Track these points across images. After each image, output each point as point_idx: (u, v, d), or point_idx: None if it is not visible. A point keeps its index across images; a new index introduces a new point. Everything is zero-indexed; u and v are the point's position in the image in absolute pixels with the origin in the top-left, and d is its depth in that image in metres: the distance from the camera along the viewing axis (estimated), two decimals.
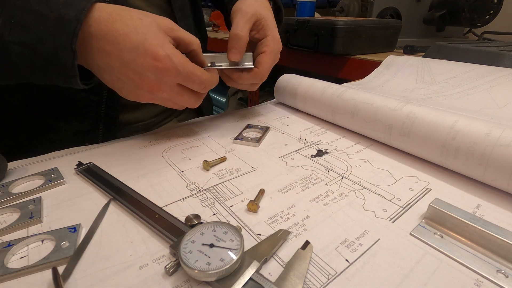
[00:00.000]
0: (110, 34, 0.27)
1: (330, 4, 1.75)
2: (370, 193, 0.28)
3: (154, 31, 0.28)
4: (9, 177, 0.29)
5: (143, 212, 0.24)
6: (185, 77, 0.30)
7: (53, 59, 0.27)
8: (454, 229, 0.22)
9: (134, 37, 0.28)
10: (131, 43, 0.28)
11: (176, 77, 0.29)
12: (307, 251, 0.20)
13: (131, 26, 0.28)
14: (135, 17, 0.29)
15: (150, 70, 0.28)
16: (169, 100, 0.32)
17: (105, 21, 0.28)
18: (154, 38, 0.28)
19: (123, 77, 0.29)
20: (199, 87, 0.32)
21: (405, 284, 0.19)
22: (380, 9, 0.97)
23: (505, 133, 0.26)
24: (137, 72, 0.28)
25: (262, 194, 0.27)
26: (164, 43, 0.28)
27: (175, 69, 0.29)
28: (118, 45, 0.28)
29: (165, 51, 0.28)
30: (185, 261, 0.18)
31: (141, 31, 0.28)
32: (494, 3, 0.89)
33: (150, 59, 0.28)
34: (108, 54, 0.28)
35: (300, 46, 0.90)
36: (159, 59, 0.28)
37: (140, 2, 0.43)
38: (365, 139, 0.39)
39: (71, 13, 0.26)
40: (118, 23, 0.28)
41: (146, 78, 0.29)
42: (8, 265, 0.19)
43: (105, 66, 0.29)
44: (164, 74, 0.28)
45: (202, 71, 0.31)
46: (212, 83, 0.33)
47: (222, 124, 0.44)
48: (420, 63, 0.56)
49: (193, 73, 0.30)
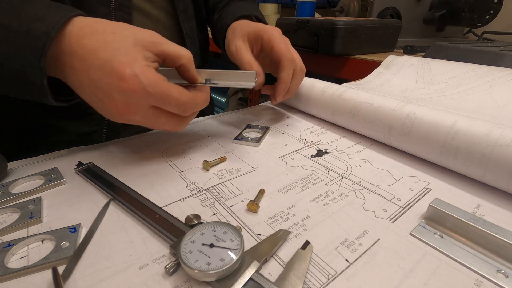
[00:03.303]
0: (79, 50, 0.25)
1: (330, 4, 1.75)
2: (370, 193, 0.28)
3: (126, 47, 0.25)
4: (9, 177, 0.29)
5: (143, 212, 0.24)
6: (157, 99, 0.26)
7: (21, 76, 0.25)
8: (454, 229, 0.22)
9: (101, 54, 0.25)
10: (98, 61, 0.25)
11: (146, 99, 0.26)
12: (307, 251, 0.20)
13: (101, 41, 0.25)
14: (109, 31, 0.26)
15: (116, 91, 0.25)
16: (145, 123, 0.28)
17: (76, 36, 0.25)
18: (123, 55, 0.25)
19: (94, 97, 0.27)
20: (177, 110, 0.28)
21: (405, 284, 0.19)
22: (380, 9, 0.97)
23: (505, 133, 0.26)
24: (105, 93, 0.26)
25: (262, 194, 0.27)
26: (135, 61, 0.25)
27: (144, 91, 0.25)
28: (86, 62, 0.25)
29: (133, 70, 0.25)
30: (185, 261, 0.18)
31: (111, 47, 0.25)
32: (494, 3, 0.89)
33: (116, 79, 0.25)
34: (78, 72, 0.26)
35: (300, 46, 0.90)
36: (125, 79, 0.24)
37: (145, 4, 0.43)
38: (365, 139, 0.39)
39: (41, 29, 0.24)
40: (87, 38, 0.25)
41: (114, 100, 0.26)
42: (8, 265, 0.19)
43: (76, 84, 0.27)
44: (131, 95, 0.25)
45: (181, 91, 0.27)
46: (195, 105, 0.29)
47: (222, 124, 0.44)
48: (420, 63, 0.56)
49: (167, 95, 0.26)
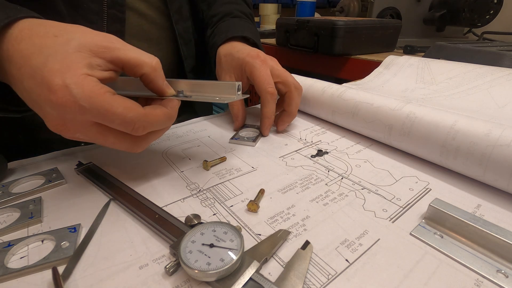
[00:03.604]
0: (15, 55, 0.22)
1: (330, 4, 1.75)
2: (370, 193, 0.28)
3: (63, 52, 0.21)
4: (9, 177, 0.29)
5: (143, 212, 0.24)
6: (96, 115, 0.22)
7: None
8: (454, 229, 0.22)
9: (34, 60, 0.21)
10: (30, 68, 0.21)
11: (82, 115, 0.22)
12: (307, 251, 0.20)
13: (37, 46, 0.22)
14: (51, 34, 0.22)
15: (47, 104, 0.21)
16: (92, 141, 0.24)
17: (13, 40, 0.22)
18: (57, 62, 0.21)
19: (34, 109, 0.23)
20: (124, 128, 0.23)
21: (405, 284, 0.19)
22: (380, 9, 0.97)
23: (505, 133, 0.26)
24: (38, 105, 0.22)
25: (262, 194, 0.27)
26: (69, 69, 0.21)
27: (76, 105, 0.21)
28: (20, 70, 0.22)
29: (64, 79, 0.21)
30: (185, 261, 0.18)
31: (46, 52, 0.21)
32: (494, 3, 0.89)
33: (46, 90, 0.21)
34: (15, 80, 0.23)
35: (300, 46, 0.91)
36: (53, 90, 0.21)
37: (140, 4, 0.43)
38: (365, 139, 0.39)
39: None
40: (25, 42, 0.22)
41: (48, 114, 0.22)
42: (8, 265, 0.19)
43: (19, 93, 0.24)
44: (63, 110, 0.21)
45: (128, 107, 0.22)
46: (149, 123, 0.24)
47: (222, 124, 0.44)
48: (420, 63, 0.56)
49: (107, 110, 0.22)
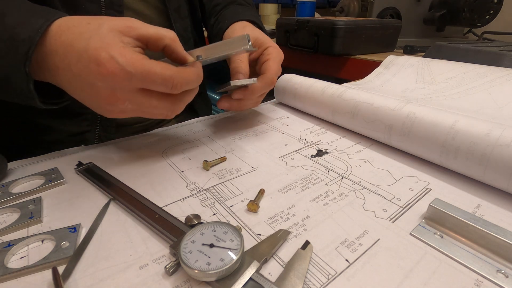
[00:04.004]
0: (59, 48, 0.25)
1: (330, 4, 1.75)
2: (370, 193, 0.28)
3: (101, 34, 0.24)
4: (9, 177, 0.29)
5: (143, 212, 0.24)
6: (140, 78, 0.25)
7: (8, 82, 0.25)
8: (454, 229, 0.22)
9: (77, 45, 0.24)
10: (75, 53, 0.25)
11: (129, 81, 0.25)
12: (307, 251, 0.20)
13: (76, 34, 0.25)
14: (84, 23, 0.26)
15: (98, 78, 0.24)
16: (138, 110, 0.27)
17: (55, 35, 0.25)
18: (97, 41, 0.24)
19: (82, 93, 0.27)
20: (165, 87, 0.26)
21: (405, 284, 0.19)
22: (380, 9, 0.97)
23: (505, 133, 0.26)
24: (89, 84, 0.25)
25: (262, 194, 0.27)
26: (110, 45, 0.24)
27: (124, 71, 0.24)
28: (66, 59, 0.25)
29: (108, 53, 0.24)
30: (185, 261, 0.18)
31: (85, 36, 0.24)
32: (494, 3, 0.89)
33: (94, 66, 0.24)
34: (61, 70, 0.26)
35: (300, 46, 0.90)
36: (102, 63, 0.24)
37: (138, 4, 0.43)
38: (365, 139, 0.39)
39: (25, 34, 0.24)
40: (65, 34, 0.25)
41: (98, 89, 0.25)
42: (8, 265, 0.19)
43: (64, 83, 0.27)
44: (113, 80, 0.24)
45: (164, 66, 0.25)
46: (184, 79, 0.27)
47: (222, 124, 0.44)
48: (420, 63, 0.56)
49: (149, 71, 0.25)
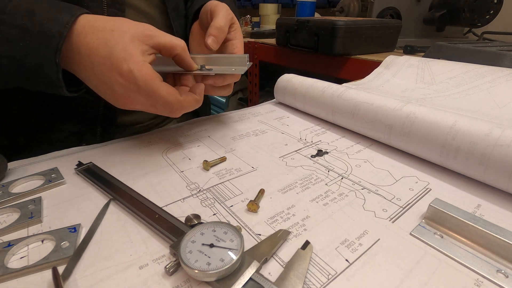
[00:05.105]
0: (83, 47, 0.28)
1: (330, 4, 1.75)
2: (370, 193, 0.28)
3: (123, 43, 0.27)
4: (9, 177, 0.29)
5: (143, 212, 0.24)
6: (146, 94, 0.28)
7: (39, 72, 0.27)
8: (454, 229, 0.22)
9: (102, 50, 0.27)
10: (99, 57, 0.27)
11: (139, 94, 0.28)
12: (307, 251, 0.20)
13: (100, 39, 0.28)
14: (108, 29, 0.28)
15: (116, 84, 0.28)
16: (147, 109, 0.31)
17: (79, 34, 0.28)
18: (121, 51, 0.27)
19: (100, 88, 0.30)
20: (164, 109, 0.29)
21: (405, 284, 0.19)
22: (380, 9, 0.97)
23: (505, 133, 0.26)
24: (108, 86, 0.28)
25: (262, 194, 0.27)
26: (131, 56, 0.27)
27: (136, 86, 0.28)
28: (90, 58, 0.28)
29: (129, 65, 0.27)
30: (185, 261, 0.18)
31: (110, 44, 0.27)
32: (494, 3, 0.89)
33: (116, 74, 0.27)
34: (84, 67, 0.29)
35: (300, 46, 0.91)
36: (122, 74, 0.27)
37: (140, 2, 0.43)
38: (365, 139, 0.39)
39: (55, 29, 0.26)
40: (89, 36, 0.28)
41: (116, 92, 0.29)
42: (8, 265, 0.19)
43: (84, 77, 0.30)
44: (127, 88, 0.28)
45: (170, 92, 0.29)
46: (183, 107, 0.30)
47: (222, 124, 0.44)
48: (420, 63, 0.56)
49: (155, 91, 0.28)
